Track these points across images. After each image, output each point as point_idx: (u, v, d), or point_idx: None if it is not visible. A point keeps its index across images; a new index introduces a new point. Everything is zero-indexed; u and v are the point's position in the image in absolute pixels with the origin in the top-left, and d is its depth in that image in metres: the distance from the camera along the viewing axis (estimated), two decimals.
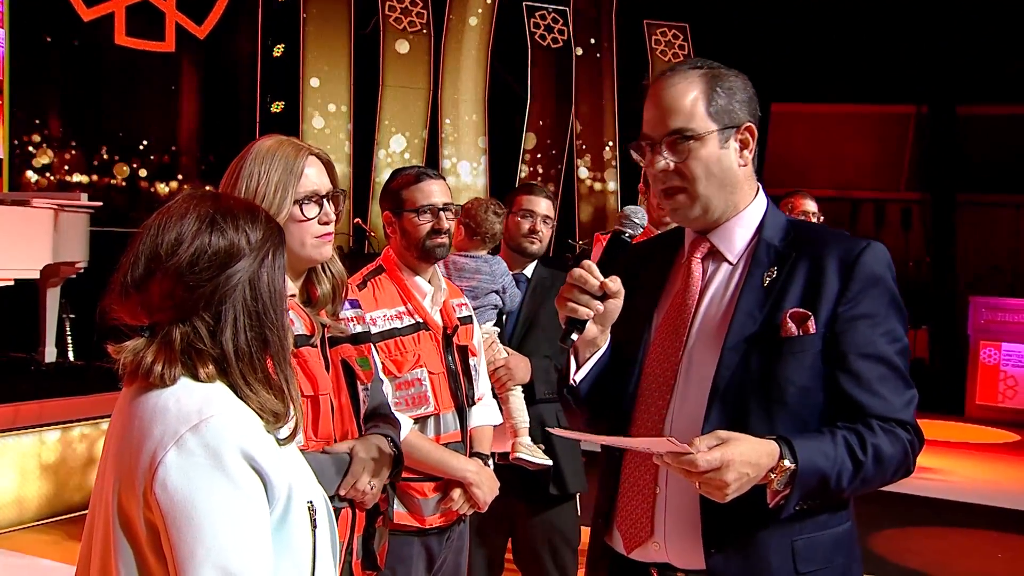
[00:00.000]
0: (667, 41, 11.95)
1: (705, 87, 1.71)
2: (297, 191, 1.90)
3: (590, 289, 1.71)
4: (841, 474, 1.60)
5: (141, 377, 1.36)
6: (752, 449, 1.54)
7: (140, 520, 1.31)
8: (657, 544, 1.73)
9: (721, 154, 1.72)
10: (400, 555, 2.52)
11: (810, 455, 1.57)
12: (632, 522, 1.76)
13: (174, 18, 8.69)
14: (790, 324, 1.66)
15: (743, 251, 1.77)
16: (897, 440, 1.65)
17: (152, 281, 1.36)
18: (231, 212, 1.41)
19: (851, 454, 1.61)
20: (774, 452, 1.56)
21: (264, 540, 1.31)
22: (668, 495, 1.72)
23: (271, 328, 1.41)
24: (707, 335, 1.73)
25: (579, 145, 11.50)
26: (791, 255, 1.72)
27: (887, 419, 1.65)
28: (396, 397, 2.53)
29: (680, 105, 1.71)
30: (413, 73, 10.44)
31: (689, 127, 1.70)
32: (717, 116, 1.71)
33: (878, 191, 12.00)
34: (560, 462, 3.15)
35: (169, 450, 1.29)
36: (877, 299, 1.67)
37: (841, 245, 1.70)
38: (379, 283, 2.64)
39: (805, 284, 1.68)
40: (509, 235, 3.30)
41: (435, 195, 2.65)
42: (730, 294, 1.74)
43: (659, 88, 1.74)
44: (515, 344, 3.20)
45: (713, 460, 1.50)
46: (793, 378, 1.65)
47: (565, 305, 1.73)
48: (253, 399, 1.39)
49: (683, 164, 1.71)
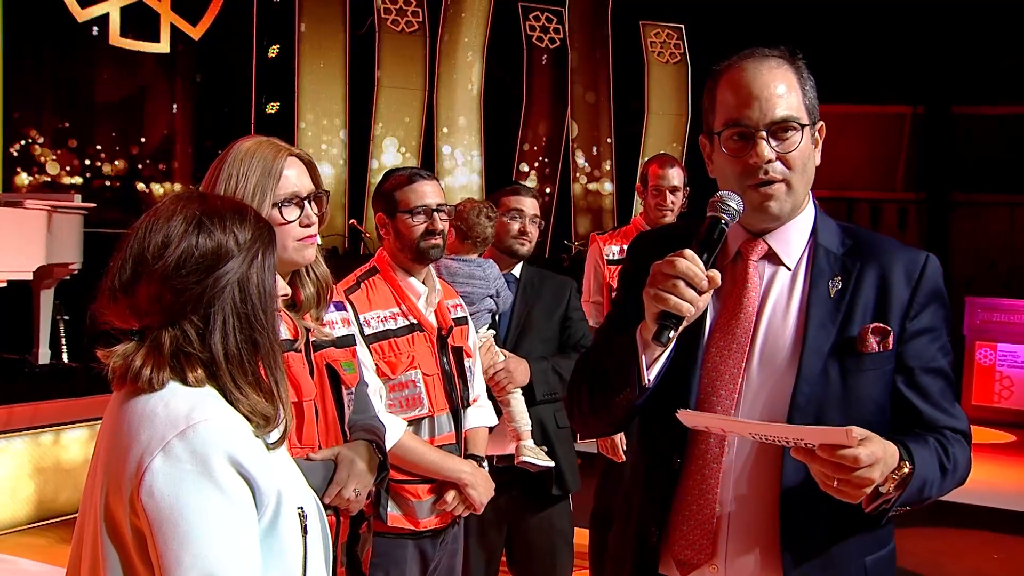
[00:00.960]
0: (662, 41, 11.95)
1: (799, 79, 1.67)
2: (276, 193, 1.86)
3: (697, 283, 1.51)
4: (933, 482, 1.60)
5: (130, 381, 1.35)
6: (883, 448, 1.49)
7: (127, 526, 1.30)
8: (715, 567, 1.65)
9: (810, 148, 1.67)
10: (394, 558, 2.51)
11: (922, 460, 1.56)
12: (689, 545, 1.66)
13: (169, 18, 8.67)
14: (871, 340, 1.62)
15: (800, 256, 1.70)
16: (966, 450, 1.68)
17: (139, 284, 1.34)
18: (218, 213, 1.39)
19: (940, 462, 1.61)
20: (895, 453, 1.52)
21: (251, 547, 1.30)
22: (732, 516, 1.64)
23: (261, 330, 1.39)
24: (775, 345, 1.65)
25: (575, 146, 11.49)
26: (855, 264, 1.68)
27: (957, 431, 1.67)
28: (390, 399, 2.52)
29: (783, 94, 1.63)
30: (408, 74, 10.42)
31: (794, 116, 1.63)
32: (809, 108, 1.67)
33: (874, 191, 12.00)
34: (560, 463, 3.17)
35: (156, 456, 1.28)
36: (937, 313, 1.68)
37: (904, 256, 1.68)
38: (373, 284, 2.63)
39: (876, 297, 1.66)
40: (497, 236, 3.28)
41: (429, 196, 2.64)
42: (797, 303, 1.67)
43: (753, 75, 1.63)
44: (510, 346, 3.20)
45: (873, 455, 1.43)
46: (872, 394, 1.64)
47: (665, 299, 1.50)
48: (243, 402, 1.37)
49: (787, 155, 1.63)
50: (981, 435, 8.79)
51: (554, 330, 3.30)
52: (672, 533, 1.67)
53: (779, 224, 1.69)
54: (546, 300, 3.31)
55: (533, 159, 11.24)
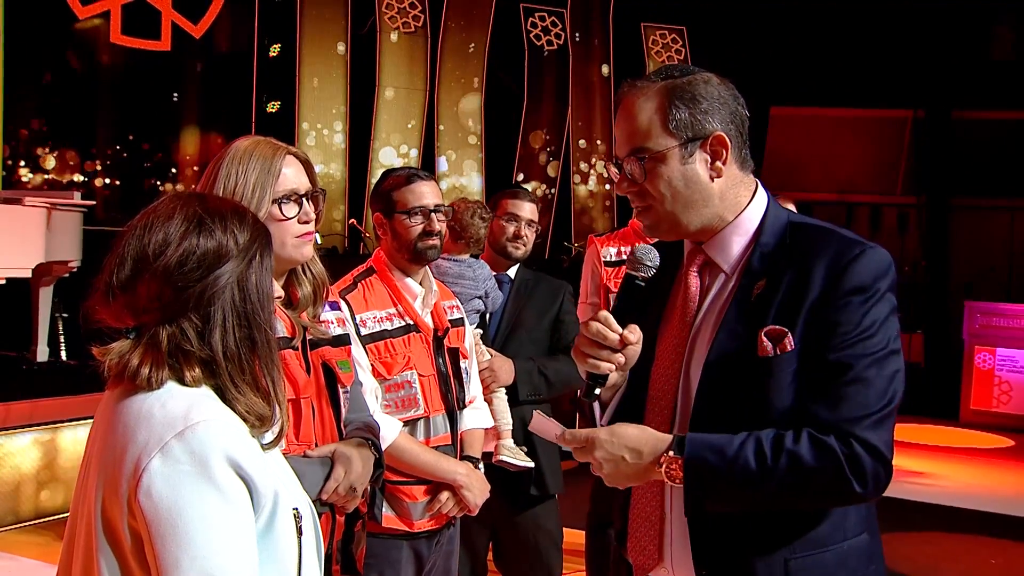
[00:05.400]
0: (664, 44, 11.95)
1: (662, 101, 1.62)
2: (275, 190, 1.89)
3: (610, 344, 1.63)
4: (743, 474, 1.50)
5: (127, 380, 1.35)
6: (637, 436, 1.57)
7: (124, 527, 1.29)
8: (666, 570, 1.68)
9: (685, 170, 1.62)
10: (389, 559, 2.51)
11: (698, 450, 1.52)
12: (641, 549, 1.71)
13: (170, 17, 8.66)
14: (766, 343, 1.56)
15: (738, 259, 1.67)
16: (827, 452, 1.49)
17: (139, 282, 1.34)
18: (219, 213, 1.40)
19: (758, 456, 1.50)
20: (662, 442, 1.56)
21: (250, 548, 1.30)
22: (674, 521, 1.66)
23: (259, 329, 1.40)
24: (700, 352, 1.64)
25: (575, 147, 11.49)
26: (784, 264, 1.60)
27: (826, 428, 1.50)
28: (386, 399, 2.52)
29: (637, 123, 1.63)
30: (410, 74, 10.42)
31: (646, 145, 1.62)
32: (677, 130, 1.61)
33: (874, 194, 12.01)
34: (541, 464, 3.16)
35: (154, 457, 1.27)
36: (856, 308, 1.54)
37: (834, 250, 1.58)
38: (370, 284, 2.63)
39: (786, 296, 1.57)
40: (493, 238, 3.30)
41: (426, 196, 2.64)
42: (719, 308, 1.65)
43: (621, 105, 1.68)
44: (498, 346, 3.21)
45: (579, 436, 1.59)
46: (772, 400, 1.55)
47: (585, 361, 1.65)
48: (241, 401, 1.37)
49: (645, 184, 1.64)
50: (979, 439, 8.80)
51: (544, 331, 3.31)
52: (629, 536, 1.73)
53: (710, 232, 1.68)
54: (538, 301, 3.32)
55: (533, 160, 11.24)
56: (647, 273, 1.68)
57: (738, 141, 1.66)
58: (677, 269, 1.76)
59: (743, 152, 1.68)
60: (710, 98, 1.63)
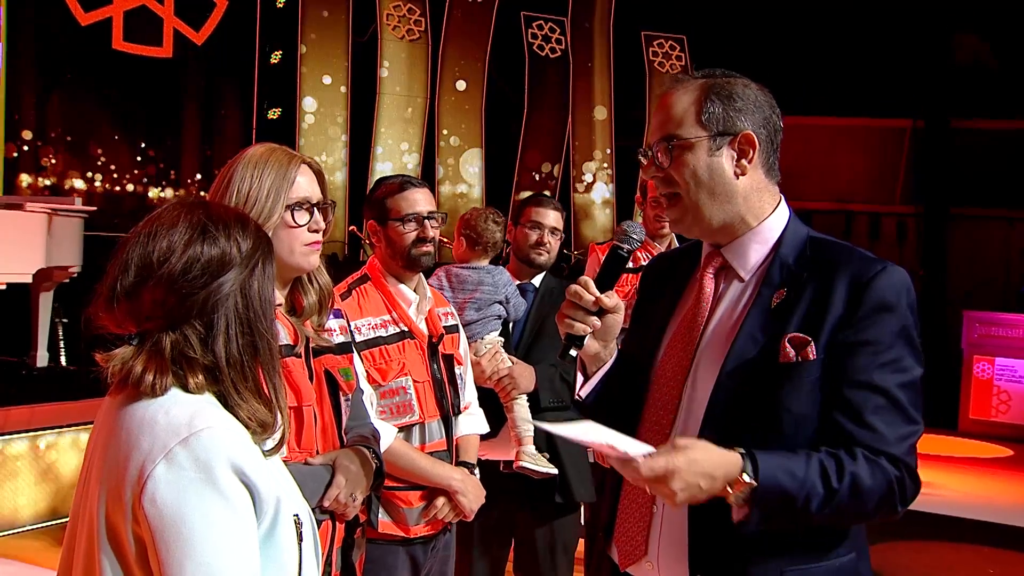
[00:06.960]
0: (664, 52, 11.98)
1: (699, 95, 1.69)
2: (289, 197, 1.91)
3: (585, 305, 1.70)
4: (810, 498, 1.51)
5: (131, 386, 1.35)
6: (709, 459, 1.48)
7: (127, 533, 1.30)
8: (650, 564, 1.69)
9: (711, 161, 1.67)
10: (385, 564, 2.51)
11: (773, 473, 1.50)
12: (628, 539, 1.73)
13: (172, 24, 8.69)
14: (788, 349, 1.59)
15: (756, 268, 1.70)
16: (882, 473, 1.54)
17: (143, 289, 1.35)
18: (223, 221, 1.41)
19: (824, 478, 1.52)
20: (735, 464, 1.50)
21: (253, 555, 1.31)
22: (664, 516, 1.68)
23: (262, 336, 1.41)
24: (711, 356, 1.67)
25: (576, 155, 11.51)
26: (806, 276, 1.64)
27: (876, 451, 1.55)
28: (381, 406, 2.53)
29: (673, 112, 1.69)
30: (411, 81, 10.45)
31: (676, 132, 1.68)
32: (708, 123, 1.67)
33: (873, 204, 12.03)
34: (567, 471, 3.12)
35: (158, 463, 1.28)
36: (883, 327, 1.57)
37: (856, 267, 1.61)
38: (364, 292, 2.65)
39: (809, 307, 1.60)
40: (517, 246, 3.31)
41: (419, 203, 2.65)
42: (738, 314, 1.68)
43: (661, 98, 1.74)
44: (522, 353, 3.19)
45: (657, 468, 1.46)
46: (789, 406, 1.58)
47: (563, 321, 1.72)
48: (243, 408, 1.38)
49: (671, 170, 1.69)
50: (978, 449, 8.80)
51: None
52: (616, 527, 1.77)
53: (732, 236, 1.72)
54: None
55: (534, 168, 11.25)
56: (631, 246, 1.77)
57: (767, 147, 1.71)
58: (692, 270, 1.80)
59: (771, 159, 1.72)
60: (746, 99, 1.70)
